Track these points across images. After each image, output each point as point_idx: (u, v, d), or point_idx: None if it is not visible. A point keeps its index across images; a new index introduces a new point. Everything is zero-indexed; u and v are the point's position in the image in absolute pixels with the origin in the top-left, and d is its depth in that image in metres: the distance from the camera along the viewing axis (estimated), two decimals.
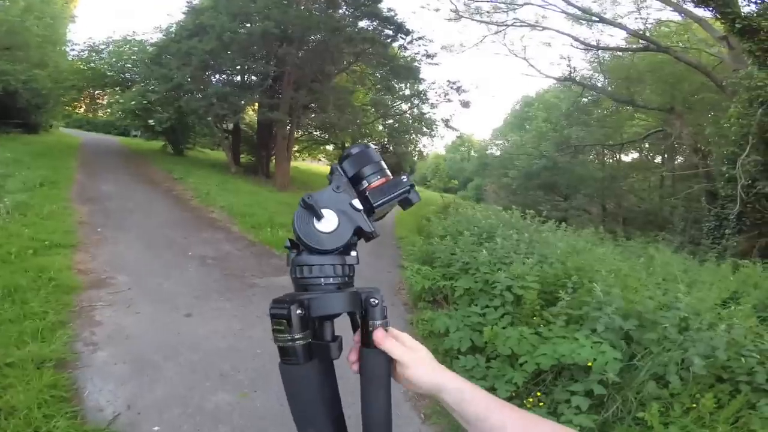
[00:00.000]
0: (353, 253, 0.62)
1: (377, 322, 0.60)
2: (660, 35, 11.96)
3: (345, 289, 0.60)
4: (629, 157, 19.72)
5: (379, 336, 0.60)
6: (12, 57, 12.49)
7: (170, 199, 8.96)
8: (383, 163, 0.65)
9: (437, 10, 19.76)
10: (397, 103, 18.16)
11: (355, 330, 0.64)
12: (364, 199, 0.62)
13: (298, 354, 0.56)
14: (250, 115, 18.53)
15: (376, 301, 0.60)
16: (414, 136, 22.18)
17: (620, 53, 14.16)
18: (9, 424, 2.14)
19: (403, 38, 13.87)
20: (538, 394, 2.89)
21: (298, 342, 0.56)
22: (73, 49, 17.65)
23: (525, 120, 31.26)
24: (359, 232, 0.62)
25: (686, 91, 11.76)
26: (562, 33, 13.31)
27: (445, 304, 4.51)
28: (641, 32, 11.23)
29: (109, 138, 23.20)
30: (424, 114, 17.98)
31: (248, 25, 11.52)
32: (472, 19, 15.89)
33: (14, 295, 3.50)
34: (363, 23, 13.18)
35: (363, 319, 0.61)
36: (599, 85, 15.36)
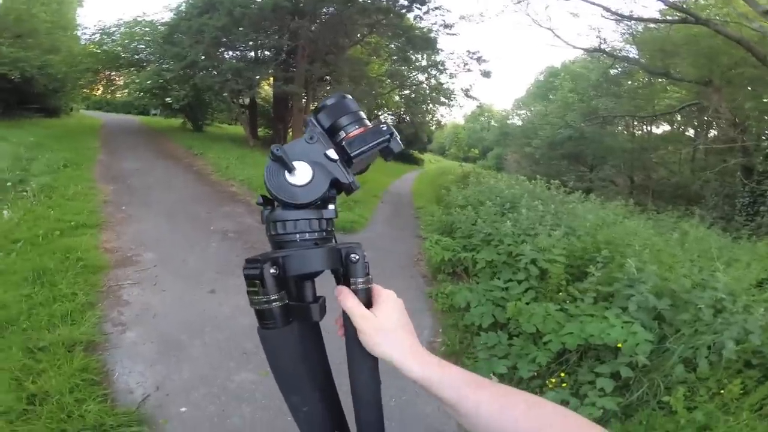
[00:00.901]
0: (331, 207, 0.58)
1: (359, 280, 0.56)
2: (697, 8, 11.12)
3: (323, 245, 0.56)
4: (660, 129, 18.79)
5: (341, 294, 0.56)
6: (24, 44, 12.60)
7: (191, 174, 9.06)
8: (362, 113, 0.61)
9: None
10: (414, 73, 17.65)
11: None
12: (340, 150, 0.58)
13: (275, 317, 0.53)
14: (266, 89, 18.41)
15: (357, 257, 0.56)
16: (431, 106, 21.70)
17: (653, 25, 13.25)
18: (43, 410, 2.17)
19: (419, 8, 13.28)
20: (562, 374, 2.82)
21: (274, 304, 0.52)
22: (84, 33, 17.61)
23: (549, 90, 30.20)
24: (337, 185, 0.57)
25: (724, 64, 10.99)
26: (592, 3, 12.33)
27: (466, 276, 4.44)
28: (680, 4, 10.39)
29: (129, 118, 23.55)
30: (442, 84, 17.45)
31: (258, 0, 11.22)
32: None
33: (43, 278, 3.57)
34: None
35: (344, 277, 0.57)
36: (630, 56, 14.42)
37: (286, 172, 0.55)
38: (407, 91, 19.77)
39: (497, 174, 16.54)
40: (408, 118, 24.82)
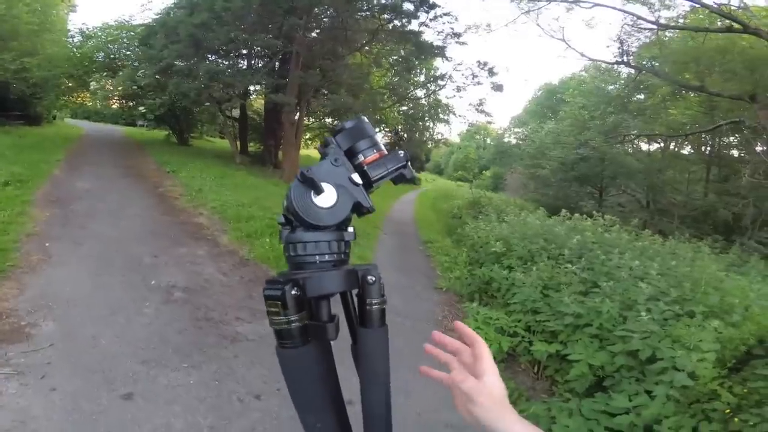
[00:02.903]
0: (350, 229, 0.58)
1: (374, 301, 0.56)
2: (741, 16, 10.04)
3: (341, 266, 0.56)
4: (687, 149, 17.60)
5: (486, 349, 0.58)
6: (2, 46, 11.55)
7: (153, 199, 7.51)
8: (377, 137, 0.61)
9: None
10: (412, 90, 16.46)
11: (346, 310, 0.60)
12: (362, 174, 0.58)
13: (294, 336, 0.52)
14: (259, 102, 17.16)
15: (374, 279, 0.56)
16: (431, 123, 20.64)
17: (671, 35, 12.08)
18: None
19: (425, 12, 12.03)
20: None
21: (294, 324, 0.51)
22: (72, 37, 16.47)
23: (548, 108, 29.26)
24: (357, 208, 0.57)
25: None
26: (619, 9, 11.13)
27: (533, 372, 2.99)
28: (725, 10, 9.27)
29: (114, 128, 22.35)
30: (447, 98, 16.27)
31: None
32: None
33: None
34: None
35: (360, 297, 0.57)
36: (658, 69, 13.22)
37: (312, 193, 0.54)
38: (405, 107, 18.67)
39: (506, 199, 15.23)
40: (406, 135, 23.84)
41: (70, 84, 16.25)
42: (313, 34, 12.36)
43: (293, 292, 0.51)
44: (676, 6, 11.05)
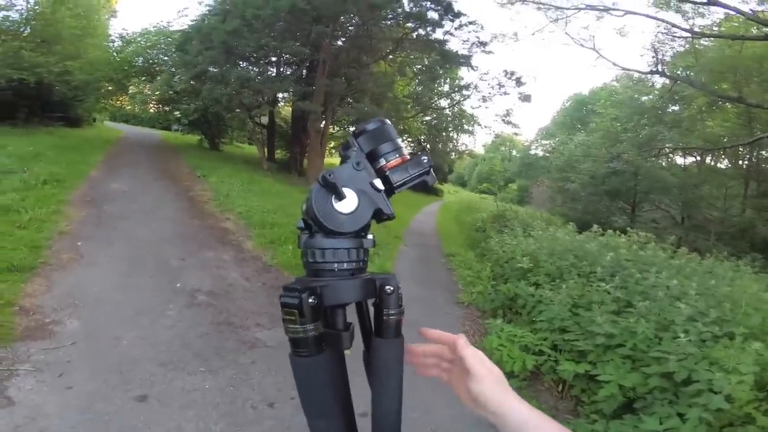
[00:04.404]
0: (370, 236, 0.57)
1: (392, 311, 0.55)
2: None
3: (359, 275, 0.55)
4: (723, 163, 16.83)
5: (462, 343, 0.57)
6: (47, 50, 12.19)
7: (183, 202, 7.71)
8: (400, 140, 0.60)
9: None
10: (436, 99, 16.35)
11: (361, 318, 0.59)
12: (383, 179, 0.57)
13: (309, 345, 0.52)
14: (287, 109, 17.47)
15: (392, 289, 0.55)
16: (454, 134, 20.47)
17: (706, 43, 11.53)
18: None
19: (451, 21, 11.94)
20: None
21: (310, 333, 0.51)
22: (113, 42, 17.29)
23: (577, 119, 28.56)
24: (377, 214, 0.56)
25: None
26: (652, 17, 10.80)
27: (557, 391, 2.86)
28: (762, 17, 8.83)
29: (152, 132, 23.08)
30: (473, 108, 16.07)
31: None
32: (534, 2, 13.57)
33: None
34: (405, 5, 11.41)
35: (377, 307, 0.56)
36: (694, 79, 12.68)
37: (333, 198, 0.53)
38: (429, 117, 18.57)
39: (532, 213, 14.84)
40: (429, 146, 23.81)
41: (110, 87, 16.88)
42: (339, 43, 12.54)
43: (310, 301, 0.50)
44: (711, 14, 10.65)
